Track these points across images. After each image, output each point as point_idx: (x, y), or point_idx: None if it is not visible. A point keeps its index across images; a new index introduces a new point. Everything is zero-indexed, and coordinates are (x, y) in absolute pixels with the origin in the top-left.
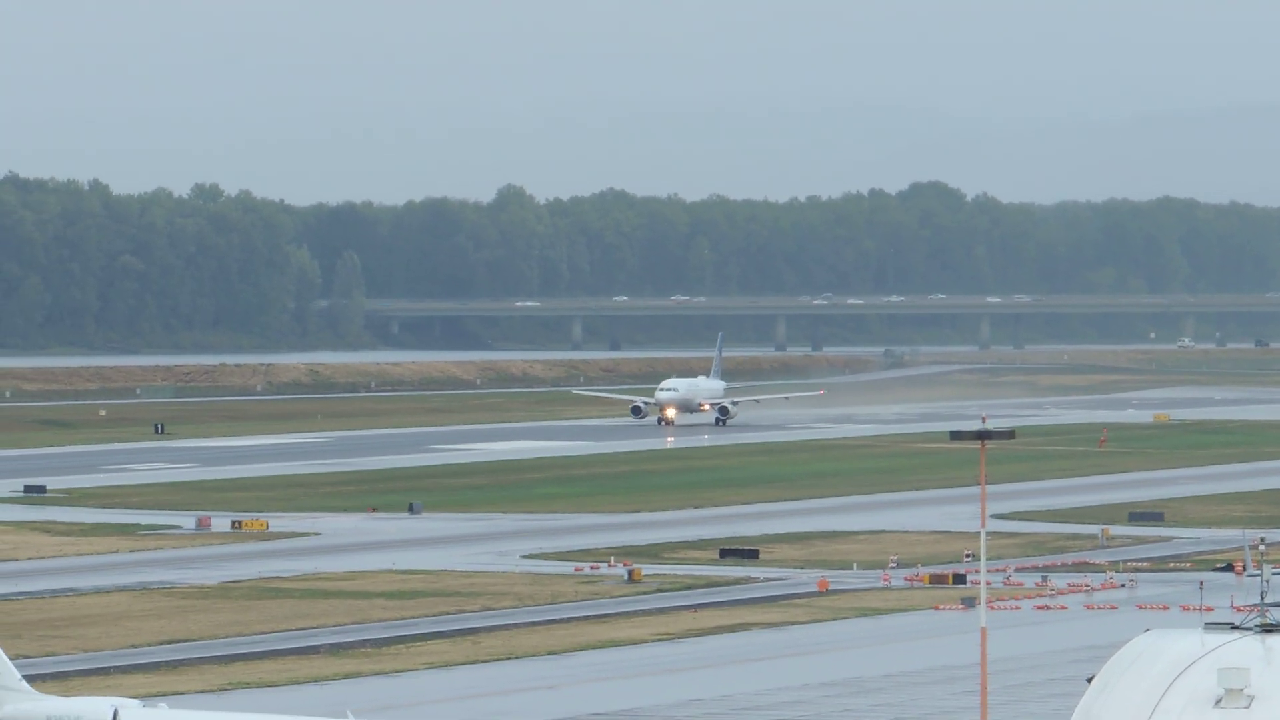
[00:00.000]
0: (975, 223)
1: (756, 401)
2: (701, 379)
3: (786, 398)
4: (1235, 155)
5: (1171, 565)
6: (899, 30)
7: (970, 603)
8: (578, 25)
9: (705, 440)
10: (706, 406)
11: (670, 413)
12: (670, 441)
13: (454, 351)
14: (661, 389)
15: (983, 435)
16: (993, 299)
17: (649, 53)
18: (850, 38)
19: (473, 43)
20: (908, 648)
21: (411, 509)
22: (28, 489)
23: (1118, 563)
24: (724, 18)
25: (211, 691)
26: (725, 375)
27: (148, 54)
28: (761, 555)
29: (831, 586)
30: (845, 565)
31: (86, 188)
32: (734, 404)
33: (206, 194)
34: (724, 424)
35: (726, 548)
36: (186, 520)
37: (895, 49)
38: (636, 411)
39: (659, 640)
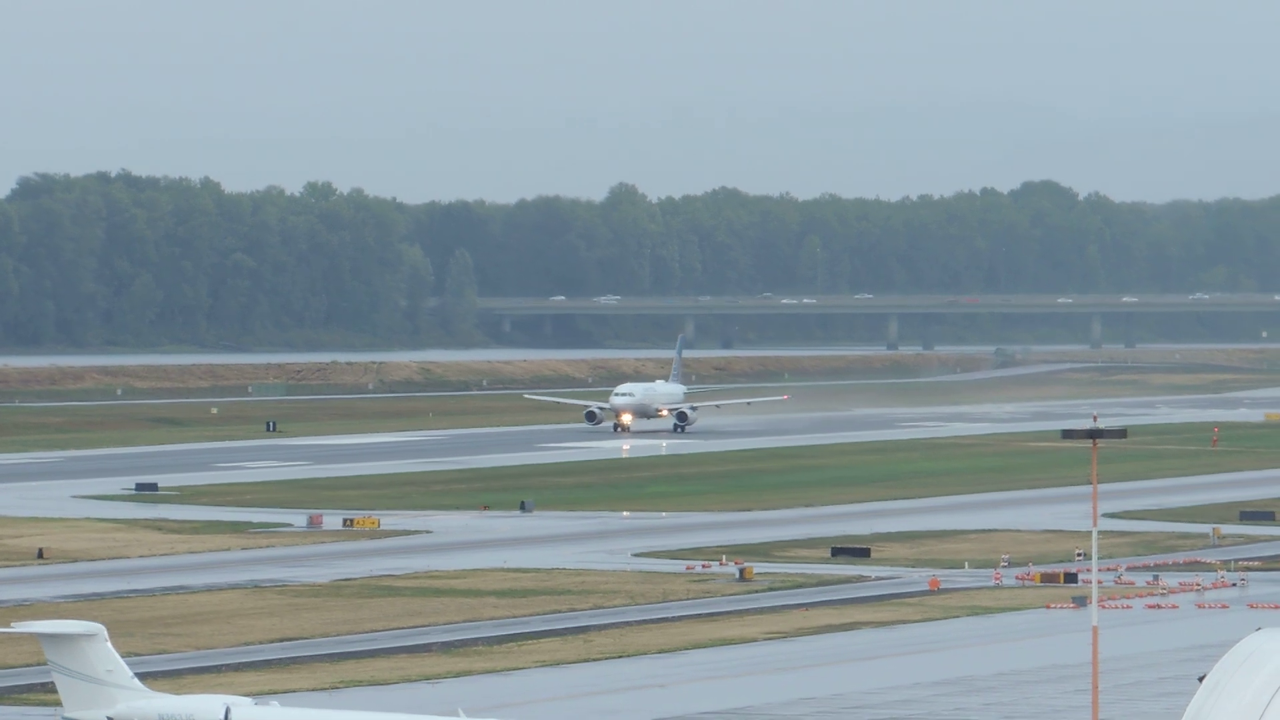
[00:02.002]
0: (1087, 222)
1: (717, 407)
2: (659, 383)
3: (749, 403)
4: None
5: None
6: (1011, 29)
7: (1082, 601)
8: (690, 23)
9: (662, 448)
10: (665, 412)
11: (626, 418)
12: (626, 449)
13: (565, 350)
14: (617, 394)
15: (1095, 434)
16: (1104, 298)
17: (761, 51)
18: (962, 36)
19: (586, 41)
20: (1019, 646)
21: (523, 507)
22: (139, 487)
23: (1229, 561)
24: (837, 16)
25: (323, 689)
26: (838, 374)
27: (260, 51)
28: (873, 554)
29: (943, 585)
30: (956, 564)
31: (198, 185)
32: (693, 409)
33: (319, 192)
34: (683, 430)
35: (838, 546)
36: (298, 518)
37: (1008, 47)
38: (591, 417)
39: (770, 639)
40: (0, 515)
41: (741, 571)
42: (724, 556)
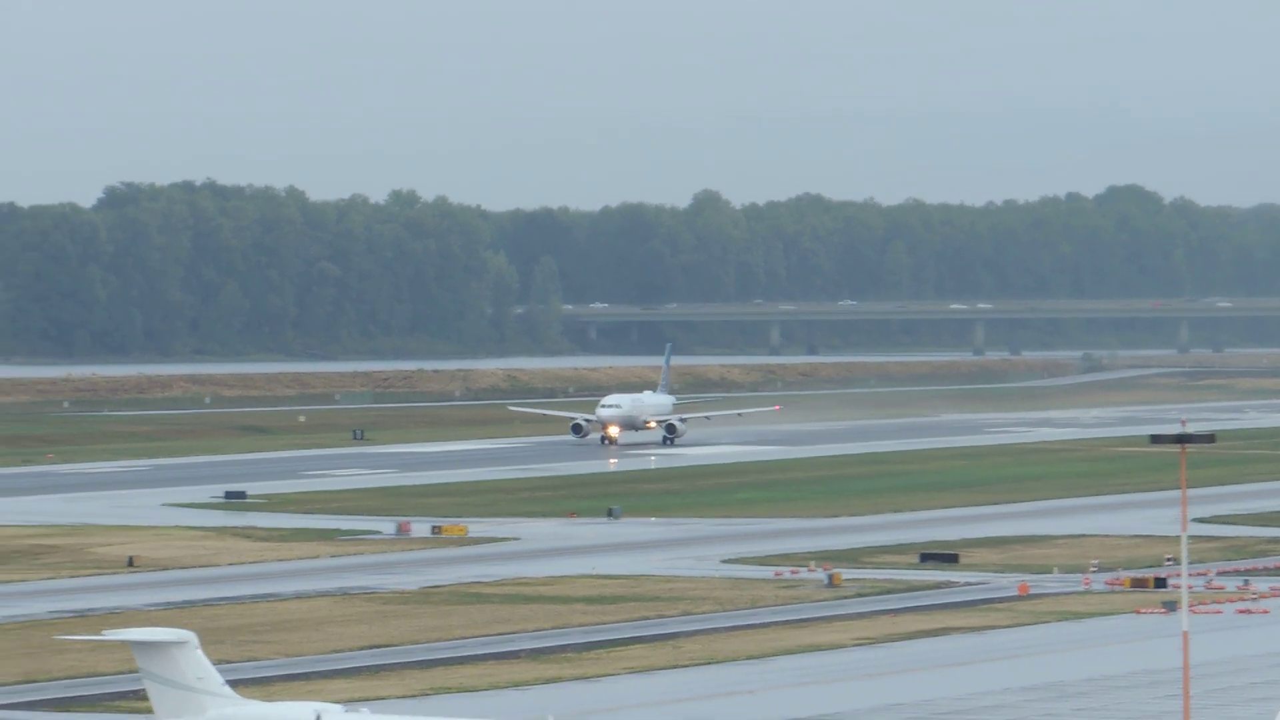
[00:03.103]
0: (1173, 226)
1: (707, 419)
2: (647, 394)
3: (740, 414)
4: None
5: None
6: (1096, 31)
7: (1172, 606)
8: (774, 28)
9: (651, 461)
10: (653, 424)
11: (613, 431)
12: (613, 463)
13: (651, 356)
14: (603, 405)
15: (1183, 439)
16: (1191, 302)
17: (843, 56)
18: (1047, 39)
19: (669, 47)
20: (1109, 652)
21: (611, 514)
22: (228, 494)
23: None
24: (919, 21)
25: (412, 696)
26: (924, 379)
27: (343, 60)
28: (961, 559)
29: (1032, 590)
30: (1045, 569)
31: (284, 194)
32: (682, 421)
33: (404, 200)
34: (671, 443)
35: (926, 552)
36: (387, 525)
37: (1092, 50)
38: (577, 430)
39: (859, 645)
40: (91, 524)
41: (830, 577)
42: (813, 562)
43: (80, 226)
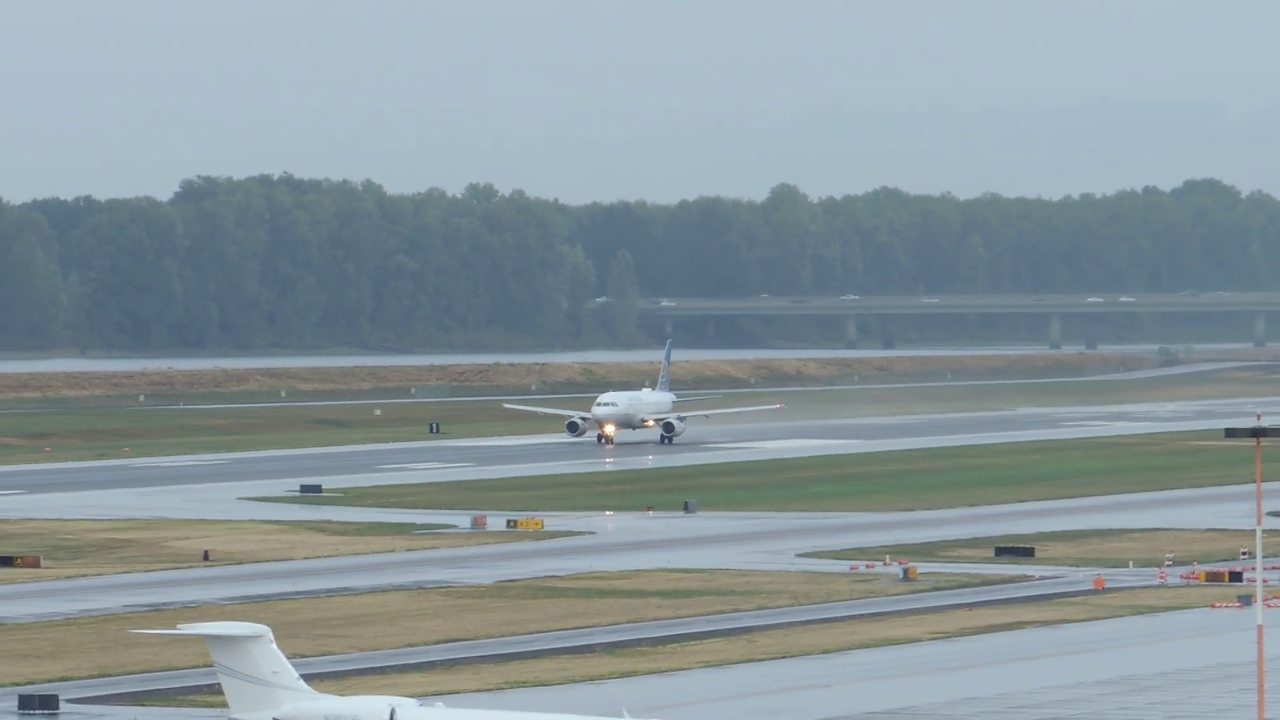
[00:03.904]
0: (1250, 220)
1: (706, 417)
2: (646, 391)
3: (739, 412)
4: None
5: None
6: (1172, 25)
7: (1247, 600)
8: (850, 22)
9: (649, 461)
10: (651, 422)
11: (609, 429)
12: (609, 463)
13: (728, 350)
14: (599, 404)
15: (1259, 433)
16: (1268, 295)
17: (922, 50)
18: (1124, 33)
19: (746, 40)
20: (1184, 645)
21: (686, 507)
22: (304, 488)
23: None
24: (996, 14)
25: (487, 690)
26: (1001, 373)
27: (419, 54)
28: (1036, 553)
29: (1107, 584)
30: (1120, 563)
31: (360, 188)
32: (680, 420)
33: (480, 194)
34: (670, 441)
35: (1001, 546)
36: (462, 519)
37: (1168, 44)
38: (573, 428)
39: (934, 639)
40: (166, 518)
41: (905, 571)
42: (888, 556)
43: (157, 220)
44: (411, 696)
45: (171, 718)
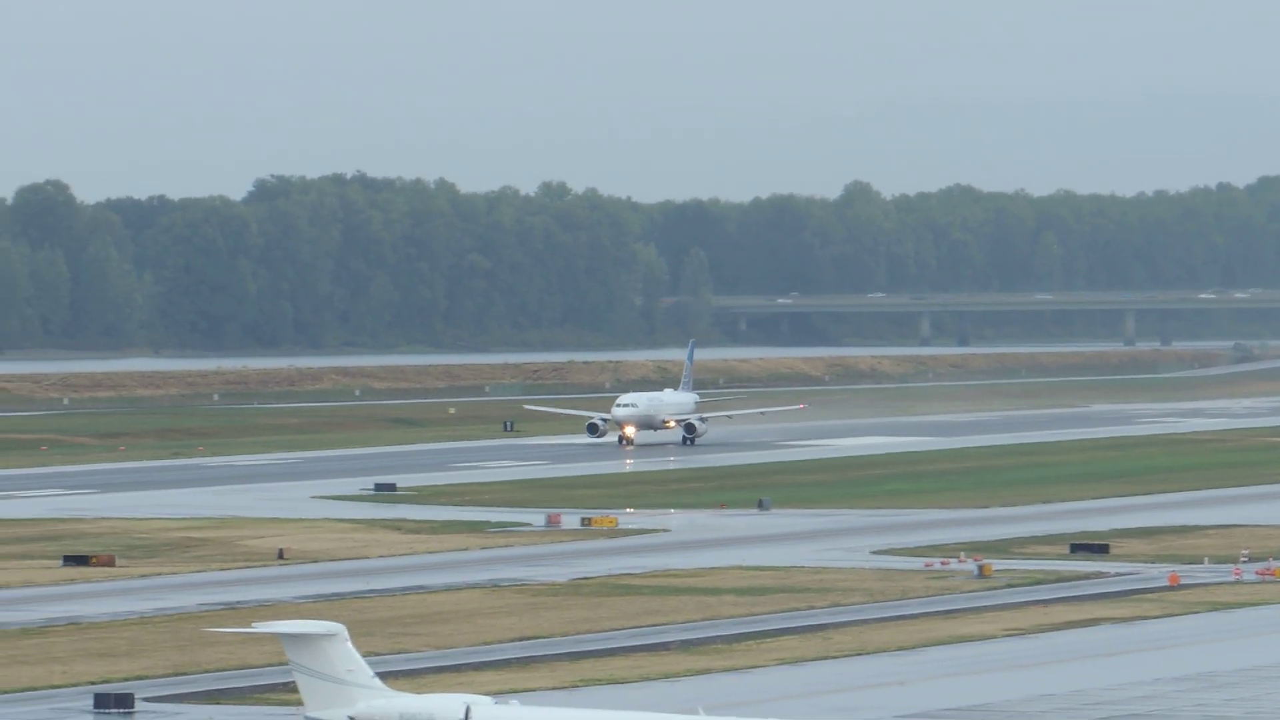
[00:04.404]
0: None
1: (729, 417)
2: (668, 392)
3: (762, 412)
4: None
5: None
6: (1245, 19)
7: None
8: (923, 19)
9: (671, 462)
10: (672, 423)
11: (630, 431)
12: (629, 465)
13: (801, 348)
14: (619, 405)
15: None
16: None
17: (993, 46)
18: (1198, 27)
19: (817, 37)
20: (1261, 642)
21: (760, 505)
22: (378, 487)
23: None
24: (1067, 9)
25: (562, 688)
26: (1075, 370)
27: (493, 52)
28: (1112, 550)
29: (1183, 581)
30: (1196, 559)
31: (434, 187)
32: (702, 420)
33: (553, 192)
34: (692, 443)
35: (1077, 543)
36: (536, 517)
37: (1241, 38)
38: (593, 429)
39: (1009, 636)
40: (241, 516)
41: (980, 568)
42: (962, 553)
43: (231, 219)
44: (486, 694)
45: (246, 716)
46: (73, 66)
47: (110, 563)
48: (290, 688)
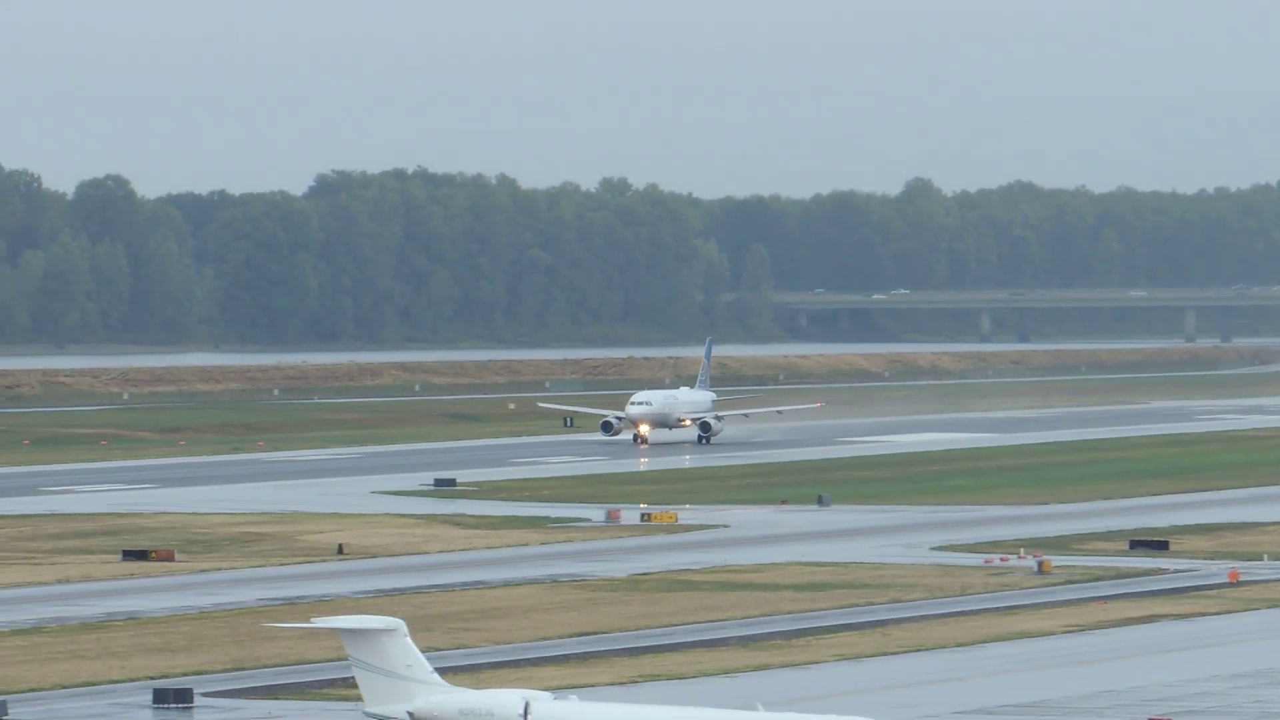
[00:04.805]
0: None
1: (745, 416)
2: (684, 390)
3: (779, 411)
4: None
5: None
6: None
7: None
8: (984, 13)
9: (686, 461)
10: (688, 422)
11: (644, 429)
12: (643, 463)
13: (861, 344)
14: (633, 402)
15: None
16: None
17: (1054, 43)
18: (1258, 26)
19: (878, 32)
20: None
21: (820, 501)
22: (438, 482)
23: None
24: (1129, 7)
25: (621, 684)
26: (1136, 367)
27: (554, 47)
28: (1171, 546)
29: (1242, 577)
30: (1256, 556)
31: (494, 182)
32: (718, 419)
33: (614, 188)
34: (707, 441)
35: (1136, 539)
36: (596, 513)
37: None
38: (607, 428)
39: (1069, 632)
40: (300, 511)
41: (1040, 564)
42: (1022, 549)
43: (291, 214)
44: (545, 689)
45: (306, 711)
46: (133, 62)
47: (170, 557)
48: (349, 683)
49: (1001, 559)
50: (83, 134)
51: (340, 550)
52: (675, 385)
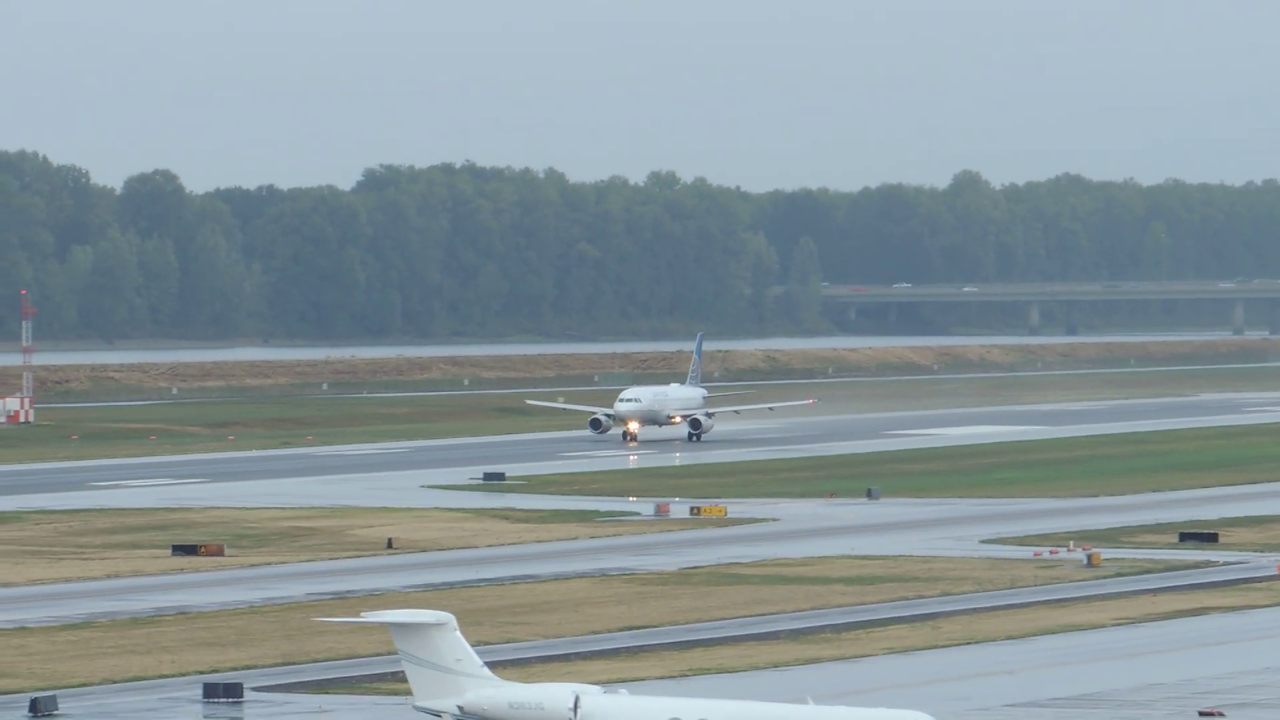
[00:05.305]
0: None
1: (736, 412)
2: (674, 387)
3: (770, 408)
4: None
5: None
6: None
7: None
8: (1032, 10)
9: (676, 459)
10: (678, 419)
11: (633, 426)
12: (633, 460)
13: (910, 337)
14: (621, 399)
15: None
16: None
17: (1100, 36)
18: None
19: (926, 27)
20: None
21: (870, 494)
22: (487, 476)
23: None
24: (1182, 4)
25: (671, 677)
26: (1184, 359)
27: (601, 41)
28: (1221, 539)
29: None
30: None
31: (542, 176)
32: (709, 416)
33: (662, 181)
34: (698, 439)
35: (1185, 531)
36: (645, 507)
37: None
38: (596, 425)
39: (1118, 624)
40: (350, 506)
41: (1089, 557)
42: (1071, 542)
43: (340, 209)
44: (595, 683)
45: (355, 706)
46: (181, 58)
47: (219, 552)
48: (399, 677)
49: (1051, 552)
50: (131, 129)
51: (390, 544)
52: (723, 378)
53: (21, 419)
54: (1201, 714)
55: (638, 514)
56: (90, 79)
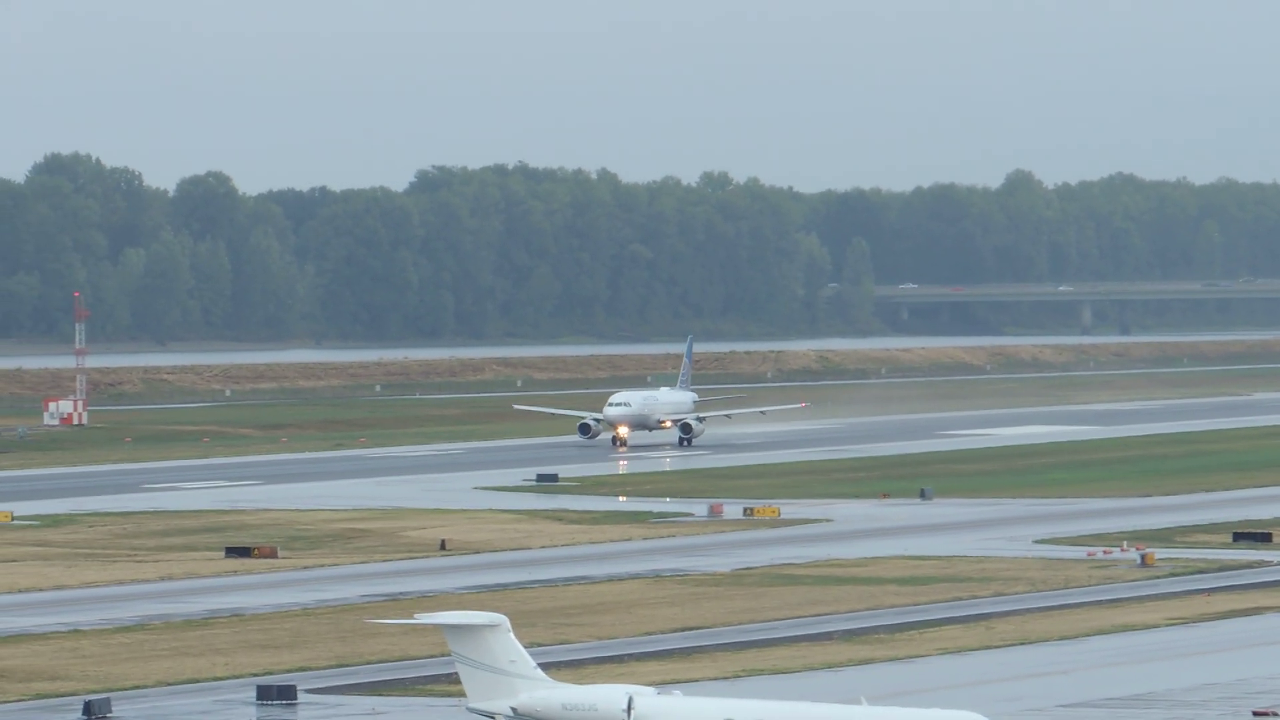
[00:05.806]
0: None
1: (728, 417)
2: (664, 391)
3: (762, 412)
4: None
5: None
6: None
7: None
8: (1083, 10)
9: (667, 464)
10: (668, 423)
11: (622, 431)
12: (623, 465)
13: (963, 337)
14: (610, 404)
15: None
16: None
17: (1153, 36)
18: None
19: (978, 26)
20: None
21: (923, 494)
22: (540, 477)
23: None
24: (1234, 1)
25: (725, 678)
26: (1238, 359)
27: (654, 42)
28: (1275, 538)
29: None
30: None
31: (595, 177)
32: (699, 420)
33: (715, 182)
34: (688, 443)
35: (1239, 531)
36: (699, 507)
37: None
38: (585, 430)
39: (1172, 624)
40: (403, 507)
41: (1143, 557)
42: (1125, 542)
43: (392, 210)
44: (649, 685)
45: (409, 708)
46: (234, 60)
47: (272, 554)
48: (453, 679)
49: (1105, 552)
50: (184, 131)
51: (443, 546)
52: (775, 379)
53: (75, 421)
54: (1255, 714)
55: (691, 515)
56: (143, 81)
